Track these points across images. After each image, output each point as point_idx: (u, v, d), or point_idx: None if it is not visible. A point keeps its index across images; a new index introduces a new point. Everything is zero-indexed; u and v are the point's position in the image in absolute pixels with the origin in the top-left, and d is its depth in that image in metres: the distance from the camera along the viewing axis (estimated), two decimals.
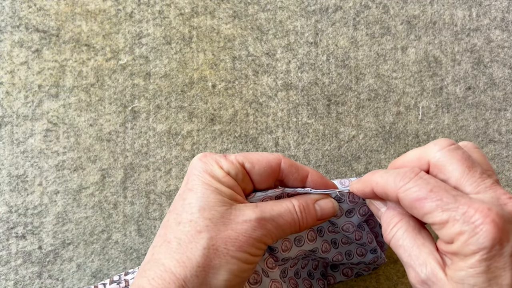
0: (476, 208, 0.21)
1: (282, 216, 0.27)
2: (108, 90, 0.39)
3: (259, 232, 0.26)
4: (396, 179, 0.24)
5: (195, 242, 0.25)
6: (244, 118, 0.40)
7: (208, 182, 0.26)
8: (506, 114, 0.40)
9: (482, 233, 0.20)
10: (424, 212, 0.23)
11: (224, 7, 0.40)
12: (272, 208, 0.27)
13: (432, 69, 0.40)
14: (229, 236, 0.25)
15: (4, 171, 0.38)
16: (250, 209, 0.26)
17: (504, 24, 0.41)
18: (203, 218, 0.25)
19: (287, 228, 0.27)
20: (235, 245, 0.25)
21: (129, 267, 0.38)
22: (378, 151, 0.40)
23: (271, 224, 0.26)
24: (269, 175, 0.28)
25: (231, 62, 0.40)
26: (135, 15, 0.40)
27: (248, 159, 0.28)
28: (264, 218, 0.26)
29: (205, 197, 0.26)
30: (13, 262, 0.38)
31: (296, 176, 0.29)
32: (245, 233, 0.25)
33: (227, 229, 0.25)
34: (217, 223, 0.25)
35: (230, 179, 0.27)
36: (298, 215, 0.28)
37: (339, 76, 0.40)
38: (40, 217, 0.38)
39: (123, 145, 0.39)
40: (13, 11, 0.39)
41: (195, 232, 0.25)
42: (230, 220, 0.26)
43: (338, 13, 0.41)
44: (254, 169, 0.28)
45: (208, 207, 0.26)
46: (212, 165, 0.27)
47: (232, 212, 0.26)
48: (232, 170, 0.27)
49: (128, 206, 0.39)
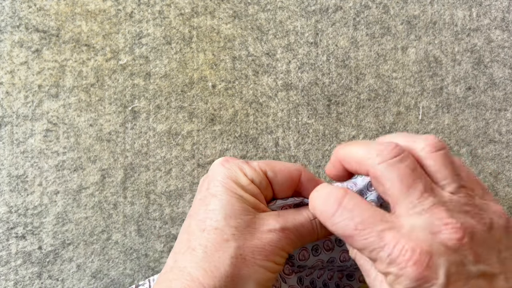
0: (401, 248, 0.20)
1: (303, 225, 0.27)
2: (108, 90, 0.39)
3: (283, 241, 0.26)
4: (324, 208, 0.23)
5: (223, 251, 0.24)
6: (244, 118, 0.40)
7: (232, 189, 0.26)
8: (507, 114, 0.40)
9: (406, 276, 0.20)
10: (355, 248, 0.22)
11: (224, 7, 0.40)
12: (294, 217, 0.27)
13: (432, 69, 0.40)
14: (256, 245, 0.25)
15: (4, 171, 0.38)
16: (274, 219, 0.26)
17: (505, 24, 0.41)
18: (229, 227, 0.25)
19: (307, 236, 0.27)
20: (261, 254, 0.25)
21: (129, 268, 0.38)
22: None
23: (294, 234, 0.26)
24: (289, 185, 0.28)
25: (231, 62, 0.40)
26: (135, 15, 0.40)
27: (270, 168, 0.27)
28: (287, 227, 0.26)
29: (230, 205, 0.25)
30: (13, 263, 0.38)
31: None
32: (271, 242, 0.25)
33: (253, 238, 0.25)
34: (243, 232, 0.25)
35: (254, 187, 0.27)
36: (317, 224, 0.27)
37: (339, 76, 0.40)
38: (40, 217, 0.38)
39: (123, 145, 0.39)
40: (13, 11, 0.39)
41: (221, 240, 0.24)
42: (256, 229, 0.25)
43: (338, 13, 0.41)
44: (276, 178, 0.27)
45: (233, 215, 0.25)
46: (236, 172, 0.27)
47: (257, 221, 0.26)
48: (256, 178, 0.27)
49: (128, 206, 0.39)
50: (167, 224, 0.39)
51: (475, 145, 0.40)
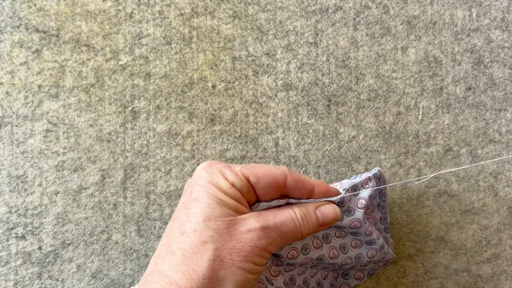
0: None
1: (285, 223, 0.27)
2: (108, 91, 0.39)
3: (263, 240, 0.26)
4: None
5: (200, 253, 0.24)
6: (244, 118, 0.40)
7: (213, 193, 0.26)
8: (506, 114, 0.40)
9: None
10: None
11: (224, 7, 0.40)
12: (275, 216, 0.27)
13: (432, 69, 0.40)
14: (234, 246, 0.25)
15: (4, 171, 0.38)
16: (254, 218, 0.26)
17: (504, 24, 0.41)
18: (208, 229, 0.25)
19: (290, 235, 0.27)
20: (240, 255, 0.25)
21: (129, 268, 0.38)
22: (378, 151, 0.40)
23: (275, 232, 0.26)
24: (273, 190, 0.28)
25: (231, 63, 0.40)
26: (135, 15, 0.40)
27: (253, 173, 0.27)
28: (268, 226, 0.26)
29: (211, 208, 0.26)
30: (13, 263, 0.38)
31: (302, 191, 0.29)
32: (250, 243, 0.25)
33: (232, 239, 0.25)
34: (222, 234, 0.25)
35: (235, 191, 0.27)
36: (300, 222, 0.28)
37: (339, 76, 0.40)
38: (40, 217, 0.38)
39: (123, 146, 0.39)
40: (13, 11, 0.39)
41: (200, 243, 0.25)
42: (235, 230, 0.25)
43: (338, 13, 0.41)
44: (258, 184, 0.27)
45: (213, 217, 0.25)
46: (217, 176, 0.27)
47: (237, 222, 0.26)
48: (237, 182, 0.27)
49: (128, 206, 0.39)
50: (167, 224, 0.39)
51: (475, 145, 0.40)
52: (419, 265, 0.39)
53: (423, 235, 0.39)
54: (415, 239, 0.39)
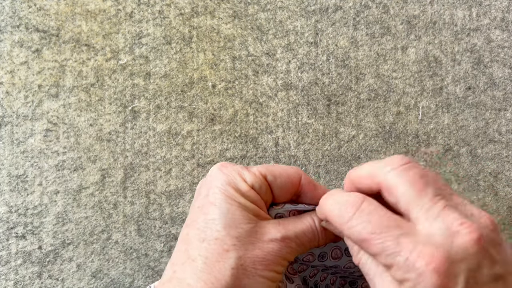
0: (419, 253, 0.20)
1: (305, 233, 0.27)
2: (108, 90, 0.39)
3: (284, 250, 0.25)
4: (340, 212, 0.23)
5: (223, 261, 0.24)
6: (244, 118, 0.40)
7: (232, 196, 0.25)
8: (506, 114, 0.40)
9: (425, 283, 0.19)
10: (370, 253, 0.22)
11: (224, 7, 0.40)
12: (294, 225, 0.27)
13: (432, 69, 0.40)
14: (257, 255, 0.25)
15: (4, 171, 0.38)
16: (275, 227, 0.26)
17: (504, 24, 0.41)
18: (230, 237, 0.24)
19: (308, 244, 0.27)
20: (263, 264, 0.24)
21: (129, 267, 0.38)
22: (378, 151, 0.40)
23: (295, 242, 0.26)
24: (289, 189, 0.28)
25: (231, 62, 0.40)
26: (135, 15, 0.40)
27: (270, 172, 0.27)
28: (288, 236, 0.26)
29: (230, 213, 0.25)
30: (13, 262, 0.38)
31: (314, 193, 0.28)
32: (272, 252, 0.25)
33: (254, 248, 0.25)
34: (245, 242, 0.25)
35: (254, 193, 0.26)
36: (319, 231, 0.27)
37: (339, 76, 0.40)
38: (40, 217, 0.38)
39: (123, 145, 0.39)
40: (13, 11, 0.39)
41: (222, 251, 0.24)
42: (257, 238, 0.25)
43: (338, 13, 0.41)
44: (276, 182, 0.27)
45: (234, 224, 0.25)
46: (235, 178, 0.26)
47: (258, 230, 0.25)
48: (256, 184, 0.26)
49: (128, 206, 0.39)
50: (167, 224, 0.39)
51: (475, 145, 0.40)
52: None
53: None
54: None
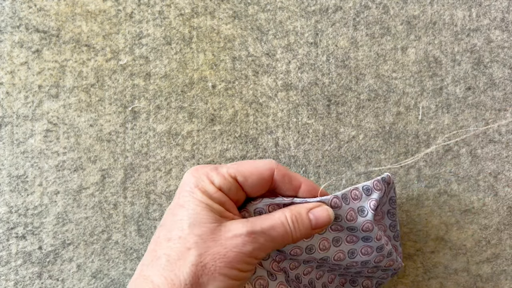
0: None
1: (274, 228, 0.26)
2: (108, 91, 0.39)
3: (249, 246, 0.25)
4: None
5: (184, 259, 0.24)
6: (244, 118, 0.40)
7: (199, 198, 0.26)
8: (506, 114, 0.40)
9: None
10: None
11: (224, 8, 0.40)
12: (263, 221, 0.27)
13: (432, 69, 0.40)
14: (218, 252, 0.25)
15: (4, 171, 0.38)
16: (240, 223, 0.26)
17: (504, 24, 0.41)
18: (193, 235, 0.25)
19: (279, 240, 0.27)
20: (223, 261, 0.25)
21: (129, 268, 0.38)
22: (378, 151, 0.40)
23: (263, 237, 0.26)
24: (262, 186, 0.28)
25: (231, 63, 0.40)
26: (135, 15, 0.40)
27: (240, 173, 0.27)
28: (254, 231, 0.26)
29: (196, 214, 0.25)
30: (13, 263, 0.38)
31: (288, 186, 0.29)
32: (235, 248, 0.25)
33: (216, 245, 0.25)
34: (207, 240, 0.25)
35: (222, 195, 0.27)
36: (291, 226, 0.27)
37: (339, 76, 0.40)
38: (40, 217, 0.38)
39: (123, 146, 0.39)
40: (13, 12, 0.39)
41: (184, 249, 0.25)
42: (220, 235, 0.25)
43: (338, 13, 0.41)
44: (247, 182, 0.27)
45: (198, 223, 0.25)
46: (204, 180, 0.27)
47: (222, 228, 0.25)
48: (224, 185, 0.27)
49: (128, 206, 0.39)
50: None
51: (475, 145, 0.40)
52: (418, 265, 0.40)
53: (423, 235, 0.40)
54: (415, 239, 0.40)
